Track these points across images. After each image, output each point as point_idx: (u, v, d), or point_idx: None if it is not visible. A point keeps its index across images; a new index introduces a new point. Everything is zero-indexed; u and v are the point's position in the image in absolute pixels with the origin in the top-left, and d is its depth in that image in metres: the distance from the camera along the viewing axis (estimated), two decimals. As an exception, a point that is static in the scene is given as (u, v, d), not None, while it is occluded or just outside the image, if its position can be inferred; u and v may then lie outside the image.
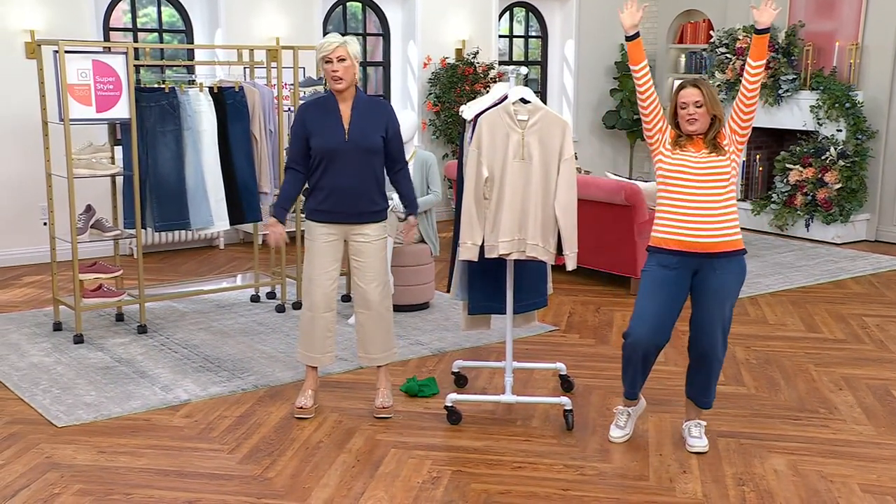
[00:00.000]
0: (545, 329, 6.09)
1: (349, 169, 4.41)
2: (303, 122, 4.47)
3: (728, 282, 4.07)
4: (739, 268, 4.10)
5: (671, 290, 4.06)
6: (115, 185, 6.27)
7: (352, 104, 4.45)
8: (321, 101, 4.49)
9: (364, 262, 4.53)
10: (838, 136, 9.01)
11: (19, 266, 7.84)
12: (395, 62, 10.05)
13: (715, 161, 4.04)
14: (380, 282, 4.55)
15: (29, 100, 7.72)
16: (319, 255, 4.51)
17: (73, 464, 4.06)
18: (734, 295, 4.11)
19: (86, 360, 5.43)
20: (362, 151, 4.41)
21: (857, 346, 5.81)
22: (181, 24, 8.74)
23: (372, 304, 4.55)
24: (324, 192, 4.45)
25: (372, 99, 4.54)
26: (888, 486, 3.89)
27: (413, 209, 4.65)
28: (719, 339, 4.11)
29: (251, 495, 3.78)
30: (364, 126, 4.43)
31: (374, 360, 4.64)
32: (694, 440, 4.23)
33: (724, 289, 4.07)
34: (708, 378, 4.19)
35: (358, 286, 4.57)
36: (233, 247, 8.76)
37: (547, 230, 4.30)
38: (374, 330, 4.58)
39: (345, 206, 4.46)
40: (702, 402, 4.26)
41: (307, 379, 4.69)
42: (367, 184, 4.45)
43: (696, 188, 4.02)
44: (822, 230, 9.07)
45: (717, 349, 4.13)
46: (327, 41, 4.36)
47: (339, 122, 4.42)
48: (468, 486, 3.88)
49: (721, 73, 9.88)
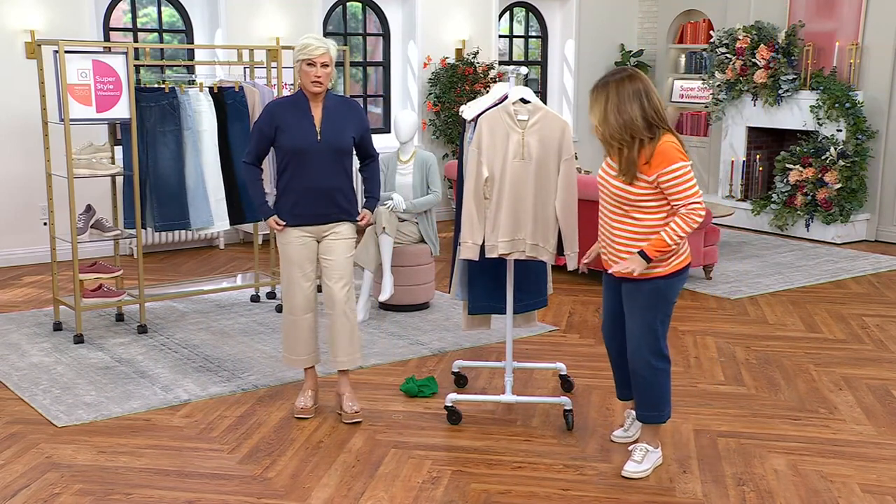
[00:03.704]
0: (545, 329, 6.09)
1: (321, 169, 4.39)
2: (271, 119, 4.38)
3: (631, 291, 3.87)
4: (649, 285, 3.82)
5: (610, 293, 4.07)
6: (115, 185, 6.27)
7: (323, 104, 4.43)
8: (291, 101, 4.43)
9: (333, 259, 4.49)
10: (838, 136, 9.01)
11: (19, 266, 7.84)
12: (395, 62, 10.05)
13: (618, 184, 3.77)
14: (346, 281, 4.52)
15: (29, 100, 7.72)
16: (296, 258, 4.48)
17: (73, 464, 4.06)
18: (642, 308, 3.84)
19: (86, 360, 5.43)
20: (334, 152, 4.40)
21: (857, 346, 5.81)
22: (181, 24, 8.74)
23: (337, 304, 4.50)
24: (295, 194, 4.41)
25: (342, 99, 4.52)
26: (888, 486, 3.89)
27: (371, 204, 4.64)
28: (635, 351, 3.90)
29: (251, 495, 3.78)
30: (336, 126, 4.42)
31: (339, 364, 4.56)
32: (629, 464, 3.97)
33: (630, 299, 3.89)
34: (636, 390, 3.99)
35: (325, 285, 4.53)
36: (233, 247, 8.76)
37: (547, 230, 4.30)
38: (338, 331, 4.53)
39: (318, 208, 4.43)
40: (637, 412, 4.03)
41: (306, 379, 4.69)
42: (338, 183, 4.44)
43: (603, 205, 3.90)
44: (822, 230, 9.07)
45: (636, 361, 3.91)
46: (312, 44, 4.30)
47: (310, 122, 4.38)
48: (468, 486, 3.88)
49: (721, 73, 9.89)
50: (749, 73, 9.65)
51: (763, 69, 9.47)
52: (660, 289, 3.83)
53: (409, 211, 6.33)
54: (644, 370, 3.91)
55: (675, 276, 3.85)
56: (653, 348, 3.89)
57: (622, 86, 3.71)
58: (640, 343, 3.88)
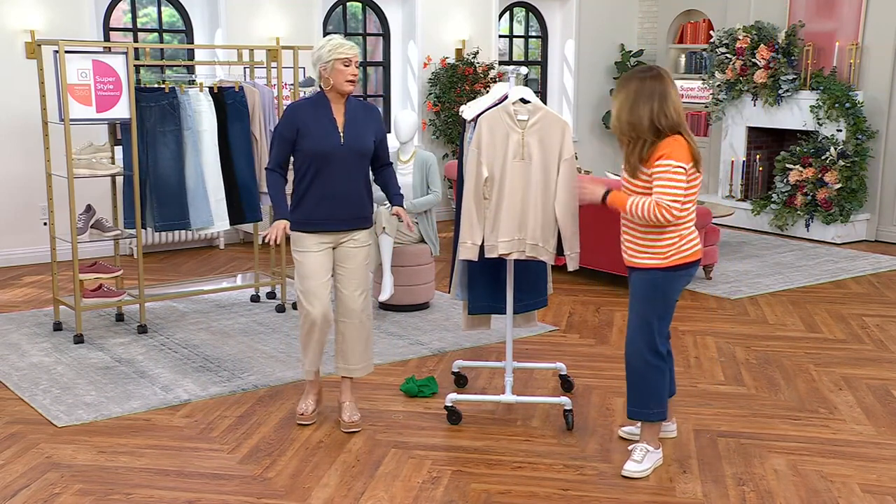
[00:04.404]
0: (545, 329, 6.09)
1: (342, 173, 4.30)
2: (293, 123, 4.27)
3: (633, 281, 3.94)
4: (647, 275, 3.88)
5: None
6: (115, 185, 6.26)
7: (345, 107, 4.34)
8: (312, 103, 4.32)
9: (350, 268, 4.40)
10: (838, 136, 9.01)
11: (19, 266, 7.84)
12: (395, 62, 10.05)
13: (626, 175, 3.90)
14: (364, 290, 4.43)
15: (29, 100, 7.73)
16: (317, 267, 4.33)
17: (73, 464, 4.06)
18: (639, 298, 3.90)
19: (86, 360, 5.43)
20: (356, 155, 4.31)
21: (857, 346, 5.81)
22: (181, 24, 8.74)
23: (354, 313, 4.42)
24: (315, 200, 4.29)
25: (361, 102, 4.44)
26: (888, 486, 3.89)
27: (400, 201, 4.55)
28: (630, 342, 3.94)
29: (251, 495, 3.78)
30: (358, 129, 4.34)
31: (353, 371, 4.48)
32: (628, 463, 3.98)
33: (631, 288, 3.96)
34: (628, 382, 4.02)
35: (341, 293, 4.43)
36: (233, 247, 8.76)
37: (547, 230, 4.30)
38: (354, 339, 4.45)
39: (338, 213, 4.32)
40: (627, 406, 4.04)
41: (311, 384, 4.60)
42: (358, 188, 4.35)
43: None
44: (822, 230, 9.07)
45: (630, 352, 3.95)
46: (345, 43, 4.24)
47: (333, 124, 4.29)
48: (468, 486, 3.88)
49: (721, 73, 9.89)
50: (749, 73, 9.65)
51: (763, 69, 9.47)
52: (657, 282, 3.84)
53: (410, 211, 6.33)
54: (637, 362, 3.93)
55: (675, 272, 3.84)
56: (648, 342, 3.90)
57: (643, 84, 3.78)
58: (636, 335, 3.92)
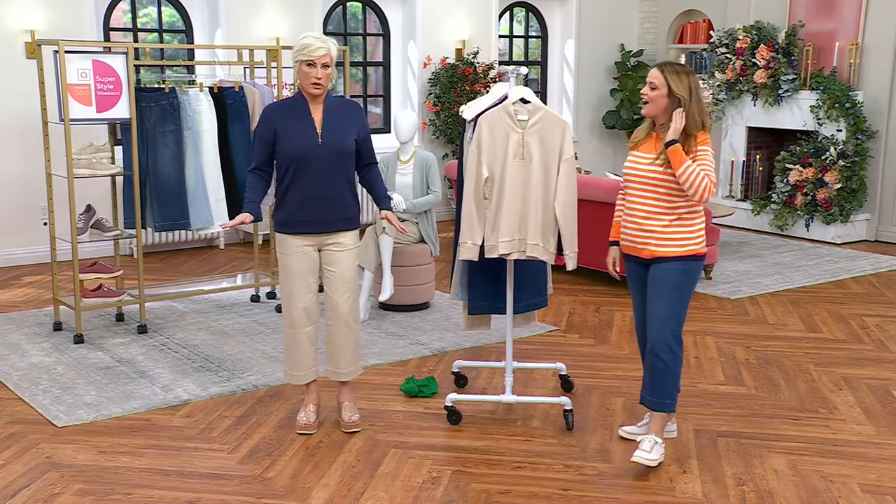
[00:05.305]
0: (545, 329, 6.09)
1: (322, 174, 4.22)
2: (270, 124, 4.21)
3: (661, 271, 3.96)
4: (679, 264, 3.95)
5: (639, 290, 4.16)
6: (115, 185, 6.27)
7: (323, 106, 4.26)
8: (289, 104, 4.25)
9: (336, 271, 4.34)
10: (838, 136, 9.01)
11: (19, 266, 7.84)
12: (395, 62, 10.05)
13: (658, 170, 3.94)
14: (351, 293, 4.37)
15: (29, 100, 7.73)
16: (297, 268, 4.29)
17: (73, 464, 4.06)
18: (670, 287, 3.94)
19: (86, 360, 5.43)
20: (336, 155, 4.23)
21: (857, 346, 5.81)
22: (181, 24, 8.74)
23: (341, 316, 4.37)
24: (296, 201, 4.23)
25: (341, 99, 4.36)
26: (888, 486, 3.89)
27: (387, 204, 4.48)
28: (659, 332, 3.97)
29: (251, 495, 3.78)
30: (337, 128, 4.25)
31: (341, 375, 4.44)
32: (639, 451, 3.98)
33: (658, 279, 3.97)
34: (652, 374, 4.02)
35: (328, 297, 4.38)
36: (233, 247, 8.77)
37: (547, 230, 4.30)
38: (342, 343, 4.41)
39: (319, 215, 4.25)
40: (646, 398, 4.05)
41: (308, 394, 4.52)
42: (340, 189, 4.27)
43: (634, 193, 4.03)
44: (822, 230, 9.07)
45: (658, 343, 3.97)
46: (312, 44, 4.13)
47: (310, 124, 4.20)
48: (468, 486, 3.88)
49: (721, 73, 9.89)
50: (749, 73, 9.65)
51: (763, 69, 9.47)
52: (689, 269, 3.97)
53: (409, 211, 6.33)
54: (665, 353, 3.97)
55: (700, 260, 3.99)
56: (675, 332, 3.98)
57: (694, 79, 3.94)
58: (664, 325, 3.96)
